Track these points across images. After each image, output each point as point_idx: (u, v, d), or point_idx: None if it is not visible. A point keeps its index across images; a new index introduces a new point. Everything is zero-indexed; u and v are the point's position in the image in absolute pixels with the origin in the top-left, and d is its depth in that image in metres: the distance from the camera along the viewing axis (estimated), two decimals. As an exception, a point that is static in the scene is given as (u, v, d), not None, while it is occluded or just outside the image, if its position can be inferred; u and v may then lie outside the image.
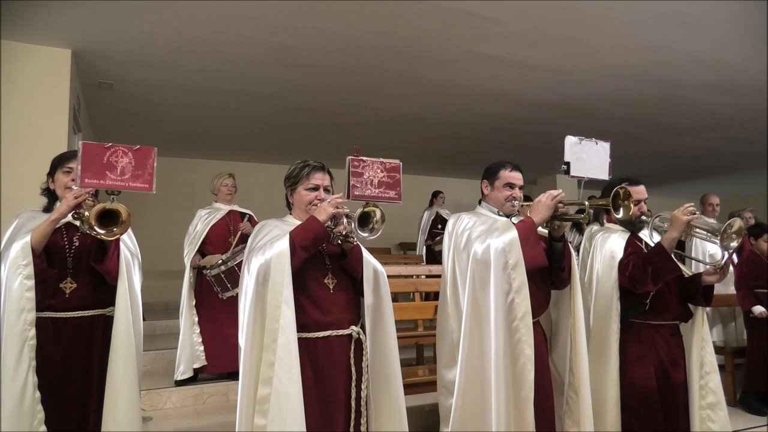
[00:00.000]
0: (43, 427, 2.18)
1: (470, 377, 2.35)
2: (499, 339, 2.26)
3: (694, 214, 2.47)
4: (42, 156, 2.94)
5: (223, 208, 4.64)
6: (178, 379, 4.29)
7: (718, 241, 2.43)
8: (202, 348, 4.35)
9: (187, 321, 4.40)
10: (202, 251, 4.49)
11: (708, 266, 2.68)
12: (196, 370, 4.34)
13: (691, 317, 2.72)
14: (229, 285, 4.19)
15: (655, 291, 2.59)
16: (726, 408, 2.69)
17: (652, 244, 2.60)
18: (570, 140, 2.53)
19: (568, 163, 2.50)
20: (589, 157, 2.55)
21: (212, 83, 5.24)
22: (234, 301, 4.23)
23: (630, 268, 2.54)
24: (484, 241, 2.37)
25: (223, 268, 4.18)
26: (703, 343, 2.71)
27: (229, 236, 4.52)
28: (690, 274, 2.70)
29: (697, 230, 2.51)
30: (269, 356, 1.96)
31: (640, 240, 2.75)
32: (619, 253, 2.65)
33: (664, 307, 2.64)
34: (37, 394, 2.18)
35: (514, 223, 2.41)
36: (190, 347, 4.33)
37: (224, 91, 5.47)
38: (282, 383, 1.94)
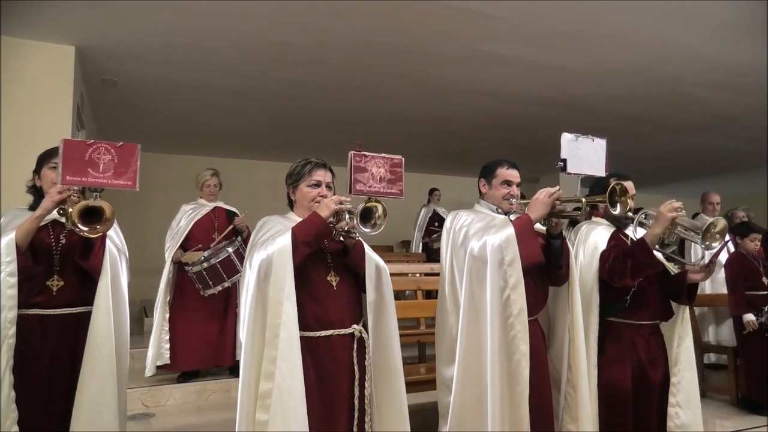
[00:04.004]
0: (16, 428, 2.12)
1: (468, 374, 2.35)
2: (494, 335, 2.26)
3: (680, 211, 2.44)
4: (45, 154, 2.95)
5: (208, 205, 4.62)
6: (147, 376, 4.24)
7: (699, 240, 2.39)
8: (167, 346, 4.28)
9: (159, 318, 4.35)
10: (184, 246, 4.44)
11: (691, 265, 2.65)
12: (159, 368, 4.27)
13: (671, 317, 2.70)
14: (210, 282, 4.13)
15: (635, 287, 2.56)
16: (699, 408, 2.67)
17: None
18: (566, 137, 2.50)
19: (564, 160, 2.48)
20: (585, 154, 2.53)
21: (216, 80, 5.26)
22: (212, 298, 4.23)
23: (610, 260, 2.52)
24: (481, 237, 2.38)
25: (205, 265, 4.12)
26: (679, 340, 2.70)
27: (213, 232, 4.48)
28: (675, 272, 2.66)
29: (681, 228, 2.47)
30: (271, 351, 1.95)
31: (626, 236, 2.71)
32: (603, 246, 2.62)
33: (645, 306, 2.61)
34: (13, 393, 2.12)
35: (511, 221, 2.41)
36: (157, 344, 4.28)
37: (227, 88, 5.48)
38: (284, 378, 1.93)
